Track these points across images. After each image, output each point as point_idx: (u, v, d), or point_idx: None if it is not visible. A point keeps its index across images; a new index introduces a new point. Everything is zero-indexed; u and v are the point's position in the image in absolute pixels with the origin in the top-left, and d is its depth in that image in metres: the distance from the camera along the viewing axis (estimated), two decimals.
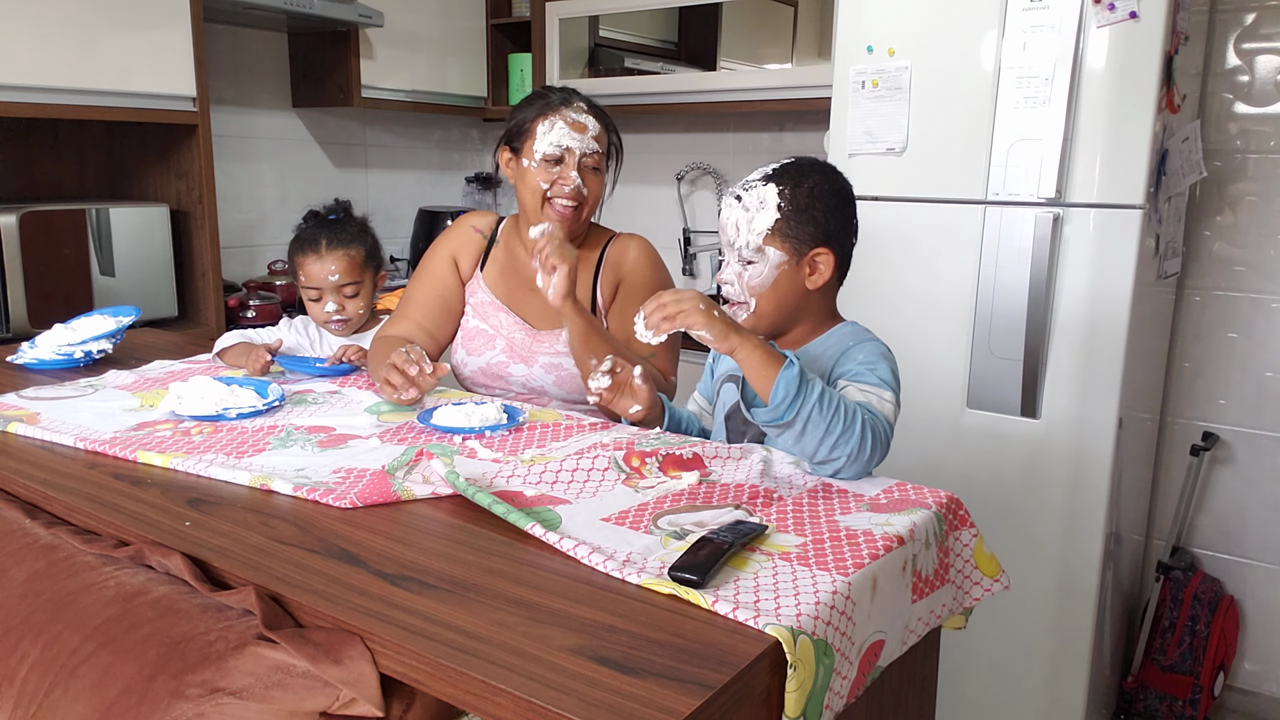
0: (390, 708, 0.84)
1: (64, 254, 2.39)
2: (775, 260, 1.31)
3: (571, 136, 1.65)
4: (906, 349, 2.21)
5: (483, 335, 1.76)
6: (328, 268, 1.83)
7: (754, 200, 1.31)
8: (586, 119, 1.66)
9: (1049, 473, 2.06)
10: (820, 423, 1.14)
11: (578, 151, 1.65)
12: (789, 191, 1.30)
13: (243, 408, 1.42)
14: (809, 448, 1.16)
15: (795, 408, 1.14)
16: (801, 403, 1.14)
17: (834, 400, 1.15)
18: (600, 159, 1.68)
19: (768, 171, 1.33)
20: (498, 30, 3.52)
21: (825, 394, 1.15)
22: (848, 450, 1.15)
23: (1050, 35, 1.94)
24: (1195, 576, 2.46)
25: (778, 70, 3.08)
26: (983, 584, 1.16)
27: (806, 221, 1.30)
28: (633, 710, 0.70)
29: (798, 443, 1.17)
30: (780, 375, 1.14)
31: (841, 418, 1.15)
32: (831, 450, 1.15)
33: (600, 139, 1.68)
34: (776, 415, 1.15)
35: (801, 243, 1.31)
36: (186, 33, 2.49)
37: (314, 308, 1.89)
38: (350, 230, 1.89)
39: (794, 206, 1.30)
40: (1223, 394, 2.48)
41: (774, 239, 1.30)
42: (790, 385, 1.13)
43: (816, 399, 1.14)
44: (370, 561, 0.95)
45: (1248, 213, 2.41)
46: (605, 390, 1.37)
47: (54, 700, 0.88)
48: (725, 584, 0.89)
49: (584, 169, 1.66)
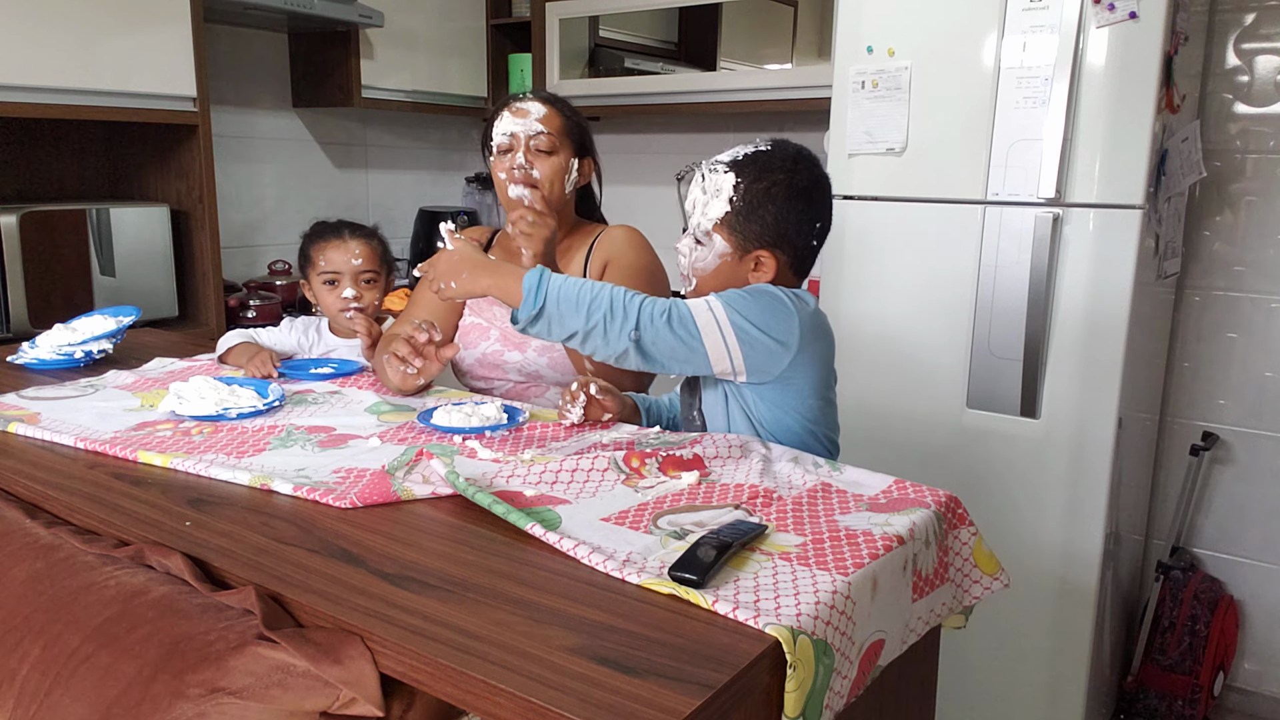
0: (390, 708, 0.84)
1: (64, 254, 2.39)
2: (720, 249, 1.31)
3: (515, 123, 1.67)
4: (906, 349, 2.22)
5: (478, 328, 1.78)
6: (351, 251, 1.87)
7: (712, 185, 1.31)
8: (529, 104, 1.68)
9: (1049, 472, 2.06)
10: (570, 299, 1.19)
11: (522, 136, 1.67)
12: (744, 186, 1.29)
13: (243, 408, 1.42)
14: (573, 326, 1.20)
15: (540, 294, 1.19)
16: (546, 288, 1.20)
17: (584, 281, 1.22)
18: (551, 140, 1.67)
19: (738, 155, 1.32)
20: (498, 30, 3.52)
21: (572, 279, 1.21)
22: (599, 314, 1.18)
23: (1050, 35, 1.94)
24: (1195, 576, 2.46)
25: (778, 70, 3.08)
26: (982, 582, 1.16)
27: (754, 221, 1.29)
28: (633, 710, 0.70)
29: (562, 329, 1.21)
30: (526, 274, 1.21)
31: (591, 290, 1.20)
32: (588, 319, 1.19)
33: (548, 120, 1.68)
34: (528, 309, 1.20)
35: (747, 239, 1.30)
36: (186, 33, 2.49)
37: (330, 295, 1.89)
38: (368, 228, 1.95)
39: (745, 203, 1.29)
40: (1223, 394, 2.48)
41: (722, 229, 1.31)
42: (532, 277, 1.21)
43: (563, 281, 1.20)
44: (370, 561, 0.95)
45: (1247, 213, 2.41)
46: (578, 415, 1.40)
47: (54, 700, 0.88)
48: (725, 584, 0.89)
49: (532, 152, 1.67)
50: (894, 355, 2.21)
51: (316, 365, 1.75)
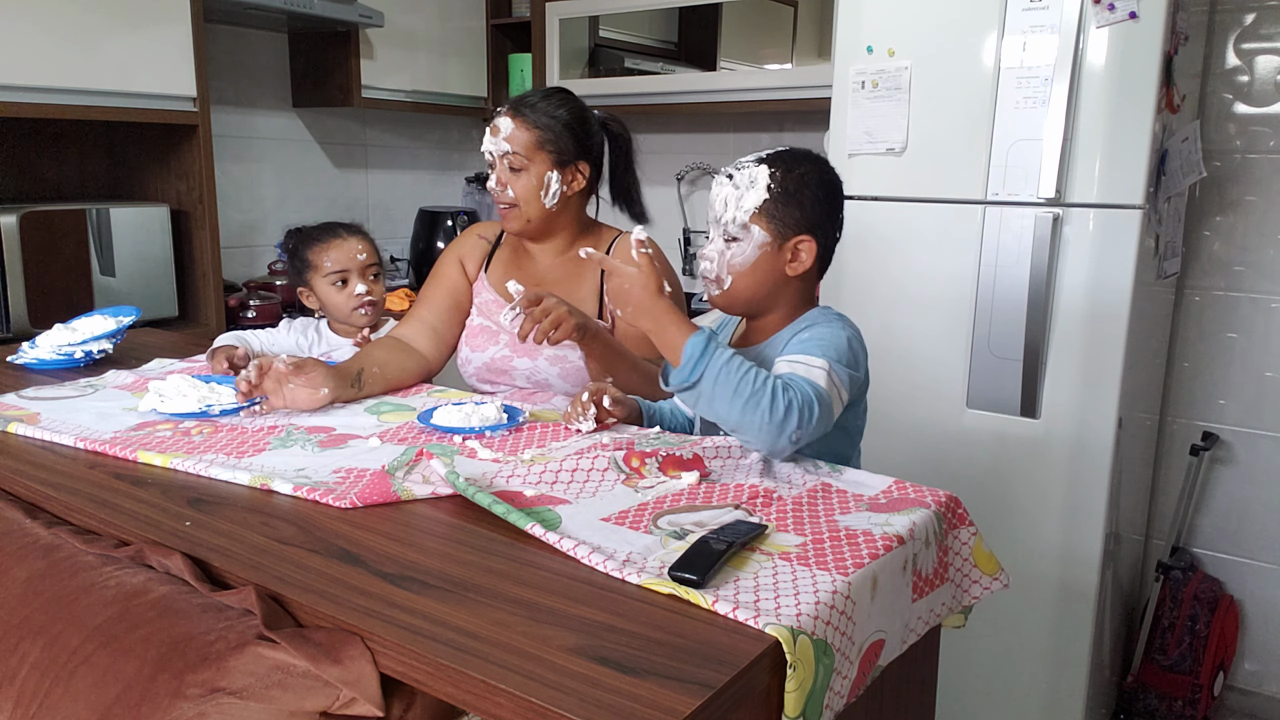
0: (390, 708, 0.84)
1: (64, 254, 2.39)
2: (759, 240, 1.32)
3: (490, 141, 1.67)
4: (906, 349, 2.22)
5: (486, 332, 1.76)
6: (354, 247, 1.87)
7: (745, 179, 1.32)
8: (500, 120, 1.66)
9: (1049, 472, 2.06)
10: (728, 384, 1.16)
11: (495, 154, 1.67)
12: (780, 175, 1.31)
13: (225, 404, 1.43)
14: (721, 411, 1.18)
15: (701, 368, 1.17)
16: (708, 364, 1.17)
17: (744, 366, 1.17)
18: (517, 158, 1.65)
19: (762, 155, 1.34)
20: (498, 30, 3.52)
21: (735, 359, 1.18)
22: (759, 414, 1.15)
23: (1050, 35, 1.94)
24: (1195, 576, 2.46)
25: (778, 70, 3.08)
26: (982, 582, 1.16)
27: (794, 206, 1.31)
28: (633, 710, 0.70)
29: (710, 407, 1.18)
30: (689, 338, 1.18)
31: (750, 380, 1.16)
32: (742, 414, 1.16)
33: (514, 138, 1.65)
34: (683, 377, 1.18)
35: (786, 227, 1.31)
36: (186, 33, 2.49)
37: (339, 296, 1.87)
38: (355, 224, 1.94)
39: (783, 190, 1.31)
40: (1223, 394, 2.48)
41: (760, 218, 1.31)
42: (697, 346, 1.17)
43: (725, 361, 1.17)
44: (370, 561, 0.95)
45: (1247, 213, 2.41)
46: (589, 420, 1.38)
47: (54, 700, 0.88)
48: (725, 584, 0.89)
49: (506, 171, 1.67)
50: (894, 355, 2.21)
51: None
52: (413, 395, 1.60)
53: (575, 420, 1.36)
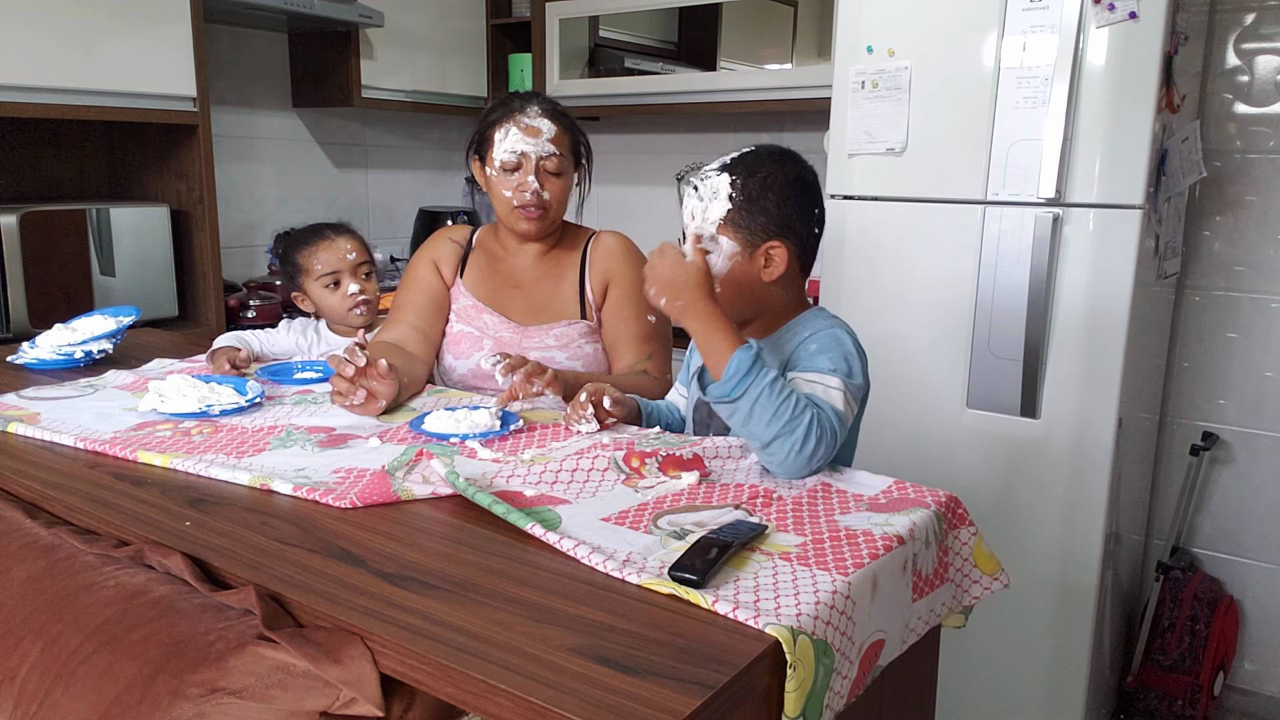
0: (390, 708, 0.84)
1: (64, 254, 2.39)
2: (728, 250, 1.30)
3: (526, 142, 1.64)
4: (906, 349, 2.22)
5: (468, 338, 1.75)
6: (343, 247, 1.86)
7: (708, 190, 1.31)
8: (540, 122, 1.65)
9: (1049, 473, 2.06)
10: (768, 406, 1.15)
11: (533, 156, 1.65)
12: (741, 181, 1.30)
13: (225, 404, 1.43)
14: (756, 430, 1.17)
15: (745, 385, 1.16)
16: (752, 382, 1.16)
17: (786, 389, 1.17)
18: (560, 161, 1.67)
19: (725, 161, 1.33)
20: (498, 30, 3.52)
21: (779, 381, 1.17)
22: (791, 442, 1.15)
23: (1050, 35, 1.94)
24: (1195, 576, 2.46)
25: (777, 70, 3.08)
26: (982, 582, 1.16)
27: (758, 212, 1.30)
28: (633, 710, 0.70)
29: (745, 424, 1.17)
30: (737, 352, 1.17)
31: (790, 406, 1.15)
32: (775, 438, 1.15)
33: (558, 141, 1.66)
34: (726, 390, 1.17)
35: (754, 234, 1.30)
36: (186, 33, 2.49)
37: (333, 297, 1.86)
38: (343, 224, 1.93)
39: (745, 197, 1.29)
40: (1223, 394, 2.48)
41: (726, 229, 1.30)
42: (744, 362, 1.16)
43: (769, 382, 1.16)
44: (370, 561, 0.95)
45: (1247, 213, 2.41)
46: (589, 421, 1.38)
47: (54, 700, 0.88)
48: (725, 584, 0.89)
49: (542, 173, 1.66)
50: (894, 355, 2.21)
51: (305, 368, 1.72)
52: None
53: (575, 422, 1.36)
